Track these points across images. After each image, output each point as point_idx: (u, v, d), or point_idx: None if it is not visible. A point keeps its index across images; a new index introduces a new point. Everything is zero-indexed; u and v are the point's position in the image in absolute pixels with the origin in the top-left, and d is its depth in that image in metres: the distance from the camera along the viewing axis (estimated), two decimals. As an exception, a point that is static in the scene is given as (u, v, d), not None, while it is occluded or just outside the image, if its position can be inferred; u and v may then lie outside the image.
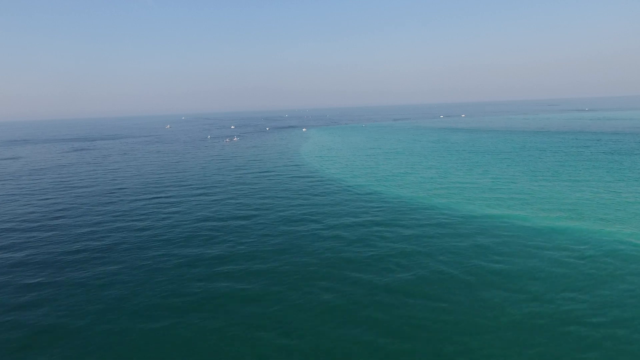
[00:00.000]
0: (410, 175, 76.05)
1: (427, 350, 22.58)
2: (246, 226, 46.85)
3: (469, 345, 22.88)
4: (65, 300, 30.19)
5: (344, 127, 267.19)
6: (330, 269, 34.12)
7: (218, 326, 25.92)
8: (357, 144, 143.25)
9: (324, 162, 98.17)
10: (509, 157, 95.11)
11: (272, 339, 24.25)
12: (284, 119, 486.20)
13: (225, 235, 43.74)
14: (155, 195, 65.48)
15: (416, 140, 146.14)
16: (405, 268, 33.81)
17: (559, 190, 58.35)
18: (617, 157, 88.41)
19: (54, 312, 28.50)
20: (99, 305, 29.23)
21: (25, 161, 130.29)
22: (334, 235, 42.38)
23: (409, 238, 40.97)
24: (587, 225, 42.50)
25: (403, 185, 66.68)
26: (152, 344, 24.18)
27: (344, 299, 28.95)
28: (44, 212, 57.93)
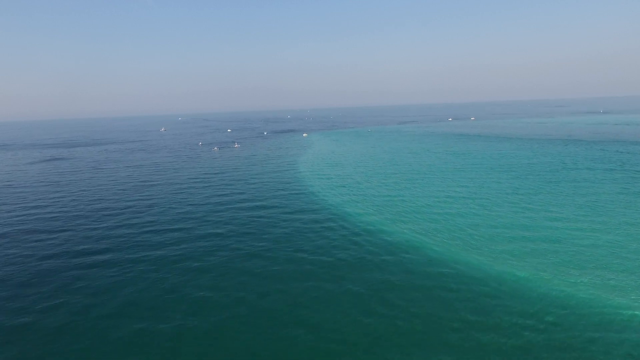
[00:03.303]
0: (447, 216, 56.84)
1: None
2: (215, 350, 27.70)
3: None
4: None
5: (348, 132, 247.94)
6: None
7: None
8: (366, 157, 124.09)
9: (329, 187, 78.96)
10: (556, 180, 76.13)
11: None
12: (284, 121, 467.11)
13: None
14: (93, 248, 46.44)
15: (433, 152, 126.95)
16: None
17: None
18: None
19: None
20: None
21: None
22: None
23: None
24: None
25: (441, 236, 47.58)
26: None
27: None
28: None
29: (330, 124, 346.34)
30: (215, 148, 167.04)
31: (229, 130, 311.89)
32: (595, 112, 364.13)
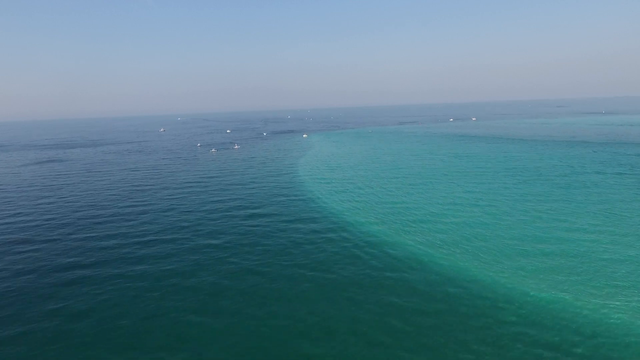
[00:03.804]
0: (453, 225, 53.64)
1: None
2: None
3: None
4: None
5: (348, 132, 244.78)
6: None
7: None
8: (367, 160, 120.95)
9: (329, 193, 75.76)
10: (565, 185, 72.99)
11: None
12: (284, 121, 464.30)
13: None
14: (75, 262, 43.28)
15: (435, 155, 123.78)
16: None
17: None
18: None
19: None
20: None
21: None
22: None
23: None
24: None
25: (448, 248, 44.41)
26: None
27: None
28: None
29: (330, 125, 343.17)
30: (213, 150, 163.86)
31: (228, 130, 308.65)
32: (597, 113, 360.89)
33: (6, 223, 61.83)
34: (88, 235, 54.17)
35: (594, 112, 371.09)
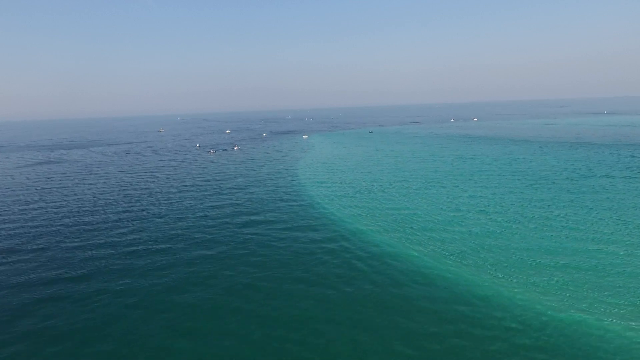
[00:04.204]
0: (459, 234, 51.10)
1: None
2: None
3: None
4: None
5: (348, 133, 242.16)
6: None
7: None
8: (368, 162, 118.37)
9: (329, 198, 73.15)
10: (573, 189, 70.35)
11: None
12: (284, 121, 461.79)
13: None
14: (59, 275, 40.74)
15: (438, 157, 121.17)
16: None
17: None
18: None
19: None
20: None
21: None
22: None
23: None
24: None
25: (454, 260, 41.83)
26: None
27: None
28: None
29: (330, 125, 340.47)
30: (212, 151, 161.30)
31: (227, 131, 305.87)
32: (599, 113, 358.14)
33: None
34: (75, 244, 51.62)
35: (596, 113, 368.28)
